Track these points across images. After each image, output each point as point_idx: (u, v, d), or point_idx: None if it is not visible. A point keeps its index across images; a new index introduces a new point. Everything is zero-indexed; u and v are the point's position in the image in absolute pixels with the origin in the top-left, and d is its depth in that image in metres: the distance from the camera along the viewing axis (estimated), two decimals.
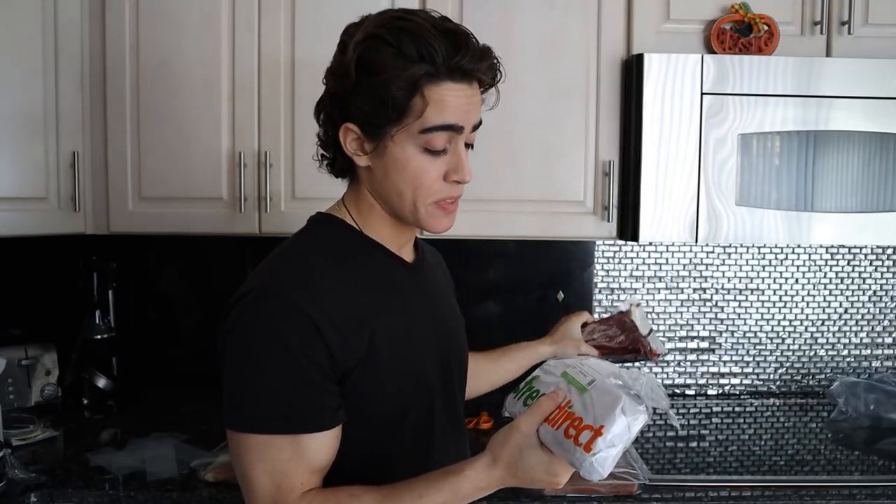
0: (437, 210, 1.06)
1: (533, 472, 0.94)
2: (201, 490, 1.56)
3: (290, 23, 1.86)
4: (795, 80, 1.78)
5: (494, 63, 1.04)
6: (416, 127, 1.00)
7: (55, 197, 1.87)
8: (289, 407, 0.97)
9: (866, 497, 1.56)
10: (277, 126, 1.87)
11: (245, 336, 0.98)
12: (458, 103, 1.00)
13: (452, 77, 0.99)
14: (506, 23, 1.86)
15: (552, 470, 0.93)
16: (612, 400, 0.92)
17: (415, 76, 0.97)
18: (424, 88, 0.98)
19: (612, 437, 0.90)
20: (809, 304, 2.27)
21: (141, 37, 1.87)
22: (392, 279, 1.10)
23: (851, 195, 1.80)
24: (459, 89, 1.00)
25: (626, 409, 0.91)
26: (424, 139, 1.00)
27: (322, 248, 1.07)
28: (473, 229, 1.89)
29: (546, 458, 0.93)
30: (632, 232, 1.84)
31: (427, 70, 0.97)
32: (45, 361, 2.09)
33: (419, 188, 1.03)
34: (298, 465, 0.97)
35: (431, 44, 0.97)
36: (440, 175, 1.03)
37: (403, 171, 1.02)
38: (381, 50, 0.98)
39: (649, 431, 1.98)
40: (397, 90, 0.97)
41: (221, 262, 2.19)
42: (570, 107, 1.88)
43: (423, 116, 0.99)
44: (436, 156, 1.02)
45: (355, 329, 1.00)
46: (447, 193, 1.05)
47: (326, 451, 1.00)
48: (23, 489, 1.54)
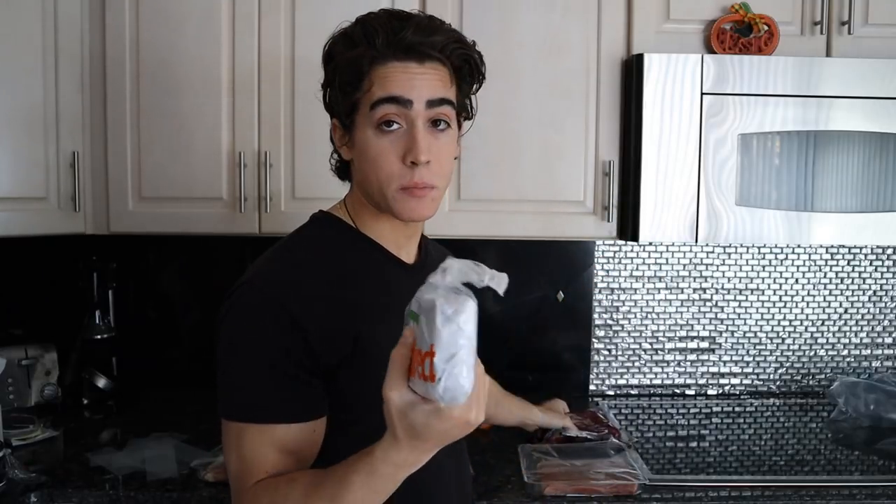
0: (404, 195, 1.04)
1: (431, 427, 0.83)
2: (201, 490, 1.56)
3: (291, 22, 1.86)
4: (795, 80, 1.78)
5: (452, 37, 1.05)
6: (367, 104, 1.02)
7: (55, 197, 1.87)
8: (264, 397, 0.99)
9: (866, 497, 1.56)
10: (277, 126, 1.87)
11: (229, 329, 1.02)
12: (402, 78, 1.01)
13: (396, 56, 1.01)
14: (506, 23, 1.86)
15: (445, 415, 0.82)
16: (431, 311, 0.80)
17: (357, 57, 1.01)
18: (371, 70, 1.02)
19: (446, 346, 0.79)
20: (809, 304, 2.27)
21: (141, 36, 1.87)
22: (387, 280, 1.10)
23: (851, 195, 1.80)
24: (406, 67, 1.02)
25: (444, 310, 0.80)
26: (375, 116, 1.02)
27: (315, 246, 1.09)
28: (473, 229, 1.89)
29: (431, 408, 0.82)
30: (632, 232, 1.84)
31: (366, 51, 1.01)
32: (45, 361, 2.09)
33: (380, 171, 1.03)
34: (268, 453, 0.99)
35: (374, 27, 1.02)
36: (398, 157, 1.03)
37: (366, 155, 1.04)
38: (337, 41, 1.06)
39: (649, 431, 1.98)
40: (346, 74, 1.03)
41: (221, 262, 2.19)
42: (570, 107, 1.88)
43: (370, 93, 1.02)
44: (387, 134, 1.02)
45: (339, 327, 1.01)
46: (409, 178, 1.03)
47: (303, 443, 1.01)
48: (23, 489, 1.54)
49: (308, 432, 1.02)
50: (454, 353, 0.79)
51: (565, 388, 2.14)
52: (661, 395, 2.26)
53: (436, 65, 1.04)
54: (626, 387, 2.27)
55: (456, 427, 0.83)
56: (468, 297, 0.82)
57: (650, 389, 2.27)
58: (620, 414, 2.11)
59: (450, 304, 0.80)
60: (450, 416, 0.82)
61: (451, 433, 0.84)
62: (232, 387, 1.02)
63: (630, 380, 2.27)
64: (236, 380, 1.01)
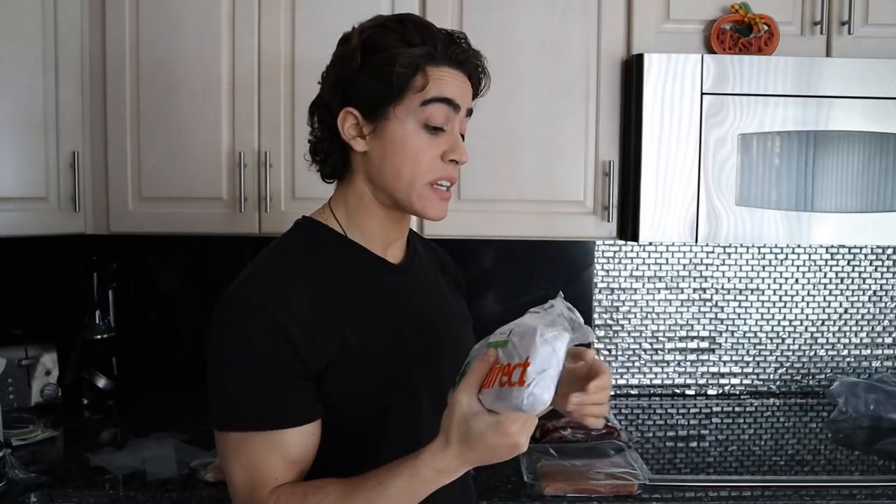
0: (431, 193, 1.08)
1: (485, 438, 0.89)
2: (201, 490, 1.56)
3: (290, 22, 1.86)
4: (795, 80, 1.78)
5: (481, 59, 1.13)
6: (417, 100, 1.05)
7: (55, 197, 1.87)
8: (260, 405, 1.00)
9: (866, 497, 1.56)
10: (277, 126, 1.87)
11: (218, 340, 1.03)
12: (455, 83, 1.07)
13: (450, 63, 1.07)
14: (506, 23, 1.86)
15: (503, 430, 0.89)
16: (530, 333, 0.91)
17: (417, 55, 1.04)
18: (426, 67, 1.05)
19: (540, 362, 0.89)
20: (809, 304, 2.27)
21: (141, 37, 1.87)
22: (373, 281, 1.11)
23: (851, 195, 1.80)
24: (456, 74, 1.08)
25: (544, 334, 0.90)
26: (425, 113, 1.05)
27: (298, 252, 1.10)
28: (473, 229, 1.89)
29: (493, 420, 0.89)
30: (632, 232, 1.84)
31: (429, 51, 1.05)
32: (45, 361, 2.09)
33: (417, 166, 1.06)
34: (272, 460, 1.00)
35: (433, 32, 1.07)
36: (438, 154, 1.07)
37: (403, 148, 1.06)
38: (386, 34, 1.06)
39: (649, 431, 1.99)
40: (401, 67, 1.03)
41: (221, 262, 2.19)
42: (570, 107, 1.88)
43: (423, 90, 1.05)
44: (434, 134, 1.06)
45: (324, 331, 1.02)
46: (443, 173, 1.08)
47: (302, 447, 1.02)
48: (23, 489, 1.54)
49: (307, 436, 1.02)
50: (545, 369, 0.88)
51: None
52: (661, 395, 2.26)
53: (469, 80, 1.11)
54: (626, 387, 2.27)
55: (505, 446, 0.89)
56: (564, 330, 0.91)
57: (650, 389, 2.27)
58: (620, 414, 2.11)
59: (549, 330, 0.90)
60: (507, 431, 0.88)
61: (498, 451, 0.90)
62: (227, 397, 1.02)
63: (630, 380, 2.27)
64: (231, 390, 1.01)
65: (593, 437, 1.80)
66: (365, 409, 1.06)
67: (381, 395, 1.06)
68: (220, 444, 1.04)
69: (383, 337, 1.08)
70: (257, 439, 1.00)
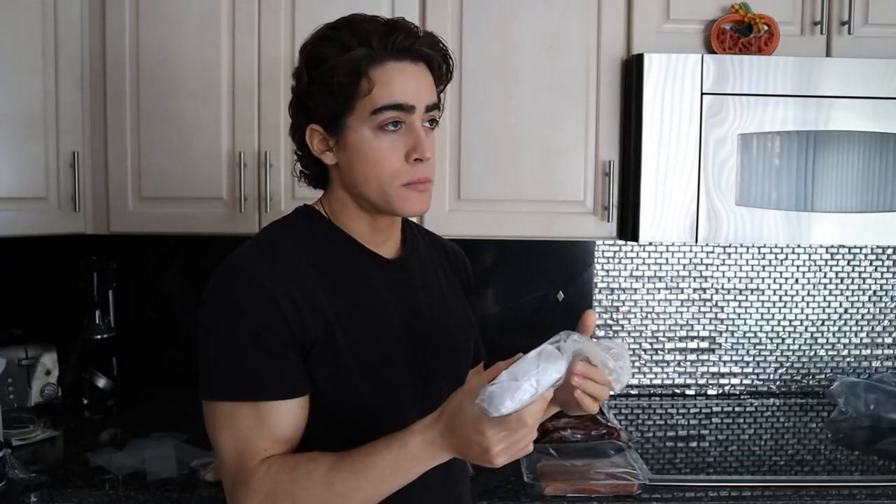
0: (407, 191, 1.07)
1: (465, 426, 0.90)
2: (201, 490, 1.56)
3: (290, 23, 1.86)
4: (795, 80, 1.78)
5: (438, 43, 1.08)
6: (367, 109, 1.03)
7: (55, 197, 1.87)
8: (250, 375, 1.01)
9: (866, 497, 1.56)
10: (277, 126, 1.87)
11: (209, 310, 1.05)
12: (404, 81, 1.04)
13: (392, 56, 1.04)
14: (506, 23, 1.86)
15: (478, 427, 0.89)
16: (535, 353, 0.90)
17: (355, 59, 1.02)
18: (368, 70, 1.03)
19: (516, 370, 0.88)
20: (809, 304, 2.27)
21: (141, 37, 1.87)
22: (363, 273, 1.11)
23: (851, 195, 1.80)
24: (403, 67, 1.04)
25: (543, 354, 0.90)
26: (376, 120, 1.04)
27: (293, 233, 1.11)
28: (473, 229, 1.89)
29: (477, 413, 0.89)
30: (632, 232, 1.84)
31: (366, 53, 1.03)
32: (45, 361, 2.09)
33: (381, 171, 1.05)
34: (261, 432, 1.01)
35: (366, 29, 1.04)
36: (401, 156, 1.05)
37: (364, 157, 1.06)
38: (324, 45, 1.05)
39: (649, 431, 1.99)
40: (342, 76, 1.02)
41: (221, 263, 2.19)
42: (570, 107, 1.88)
43: (370, 96, 1.03)
44: (388, 134, 1.04)
45: (312, 309, 1.03)
46: (412, 174, 1.06)
47: (290, 421, 1.03)
48: (23, 489, 1.54)
49: (296, 409, 1.03)
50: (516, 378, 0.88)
51: None
52: (661, 395, 2.26)
53: (423, 64, 1.07)
54: (626, 387, 2.26)
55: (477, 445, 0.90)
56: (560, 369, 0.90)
57: (650, 389, 2.27)
58: (620, 414, 2.11)
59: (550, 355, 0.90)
60: (481, 429, 0.89)
61: (471, 447, 0.91)
62: (218, 367, 1.03)
63: (630, 380, 2.26)
64: (222, 360, 1.03)
65: (593, 437, 1.80)
66: (344, 400, 1.06)
67: (357, 388, 1.06)
68: (209, 414, 1.04)
69: (366, 326, 1.08)
70: (246, 410, 1.01)
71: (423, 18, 1.85)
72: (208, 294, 1.06)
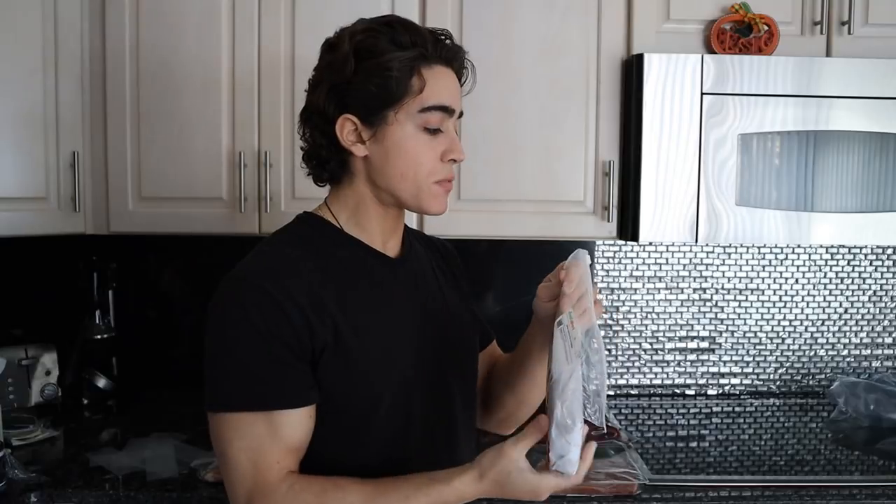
0: (438, 189, 1.11)
1: (518, 492, 1.00)
2: (201, 490, 1.56)
3: (290, 22, 1.86)
4: (795, 80, 1.78)
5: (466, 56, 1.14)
6: (416, 106, 1.07)
7: (55, 197, 1.87)
8: (261, 384, 1.01)
9: (866, 497, 1.56)
10: (277, 126, 1.87)
11: (216, 321, 1.04)
12: (449, 85, 1.10)
13: (441, 61, 1.09)
14: (506, 23, 1.86)
15: (536, 492, 1.00)
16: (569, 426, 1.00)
17: (412, 57, 1.06)
18: (421, 68, 1.07)
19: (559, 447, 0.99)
20: (809, 304, 2.27)
21: (141, 37, 1.87)
22: (370, 273, 1.12)
23: (851, 195, 1.80)
24: (448, 73, 1.10)
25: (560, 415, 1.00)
26: (423, 118, 1.07)
27: (298, 242, 1.12)
28: (474, 229, 1.89)
29: (534, 482, 0.99)
30: (632, 232, 1.84)
31: (421, 52, 1.07)
32: (45, 361, 2.09)
33: (420, 167, 1.09)
34: (273, 442, 1.01)
35: (420, 33, 1.08)
36: (437, 155, 1.10)
37: (405, 151, 1.08)
38: (378, 38, 1.07)
39: (649, 431, 1.99)
40: (398, 71, 1.05)
41: (221, 262, 2.18)
42: (570, 107, 1.88)
43: (421, 95, 1.07)
44: (433, 135, 1.09)
45: (320, 315, 1.03)
46: (446, 173, 1.11)
47: (301, 430, 1.03)
48: (23, 489, 1.54)
49: (306, 418, 1.04)
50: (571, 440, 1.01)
51: None
52: (661, 395, 2.26)
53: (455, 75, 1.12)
54: (626, 387, 2.27)
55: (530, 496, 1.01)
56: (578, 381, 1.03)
57: (650, 389, 2.27)
58: (620, 414, 2.11)
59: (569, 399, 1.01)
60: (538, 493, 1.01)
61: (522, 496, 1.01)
62: (227, 378, 1.03)
63: (630, 380, 2.27)
64: (232, 371, 1.02)
65: (593, 437, 1.79)
66: (356, 397, 1.06)
67: (372, 383, 1.07)
68: (218, 426, 1.03)
69: (377, 326, 1.09)
70: (258, 419, 1.00)
71: (423, 18, 1.85)
72: (214, 306, 1.05)
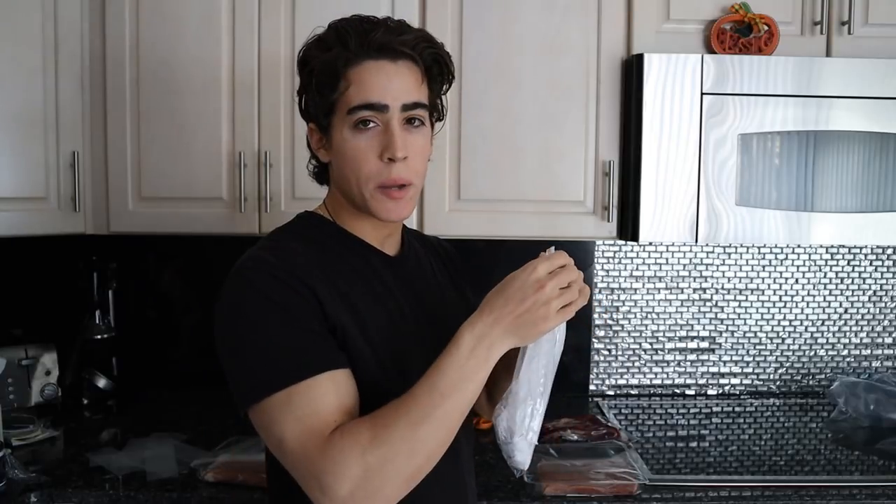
0: (382, 196, 1.07)
1: (515, 284, 0.98)
2: (201, 490, 1.56)
3: (291, 23, 1.86)
4: (795, 80, 1.78)
5: (424, 41, 1.08)
6: (344, 108, 1.05)
7: (55, 197, 1.87)
8: (299, 354, 0.99)
9: (866, 497, 1.56)
10: (277, 126, 1.87)
11: (232, 314, 1.02)
12: (378, 80, 1.04)
13: (370, 55, 1.04)
14: (506, 23, 1.86)
15: (524, 268, 0.99)
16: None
17: (331, 59, 1.05)
18: (346, 71, 1.04)
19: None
20: (809, 304, 2.27)
21: (141, 37, 1.87)
22: (371, 269, 1.12)
23: (851, 195, 1.80)
24: (379, 66, 1.05)
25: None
26: (351, 119, 1.05)
27: (298, 238, 1.12)
28: (474, 229, 1.89)
29: (524, 267, 0.98)
30: (632, 232, 1.84)
31: (341, 54, 1.04)
32: (45, 361, 2.09)
33: (358, 170, 1.06)
34: (325, 405, 0.97)
35: (346, 30, 1.05)
36: (376, 155, 1.06)
37: (344, 155, 1.08)
38: (311, 46, 1.09)
39: (649, 431, 1.99)
40: (321, 76, 1.05)
41: (221, 262, 2.17)
42: (570, 107, 1.88)
43: (346, 96, 1.05)
44: (364, 132, 1.05)
45: (333, 299, 1.03)
46: (387, 175, 1.06)
47: (350, 390, 1.01)
48: (23, 489, 1.54)
49: (350, 379, 1.02)
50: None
51: (565, 388, 2.14)
52: (661, 395, 2.26)
53: (408, 63, 1.07)
54: (626, 387, 2.27)
55: (530, 286, 0.97)
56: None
57: (650, 389, 2.27)
58: (620, 414, 2.11)
59: None
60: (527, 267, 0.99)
61: (525, 291, 0.97)
62: (260, 362, 0.99)
63: (630, 380, 2.27)
64: (265, 353, 0.99)
65: (593, 437, 1.80)
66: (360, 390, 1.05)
67: (370, 380, 1.06)
68: (263, 415, 0.98)
69: (381, 322, 1.09)
70: (304, 390, 0.97)
71: (423, 19, 1.85)
72: (225, 299, 1.03)
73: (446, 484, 1.14)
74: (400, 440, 0.94)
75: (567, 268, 0.99)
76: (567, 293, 0.98)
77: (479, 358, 0.96)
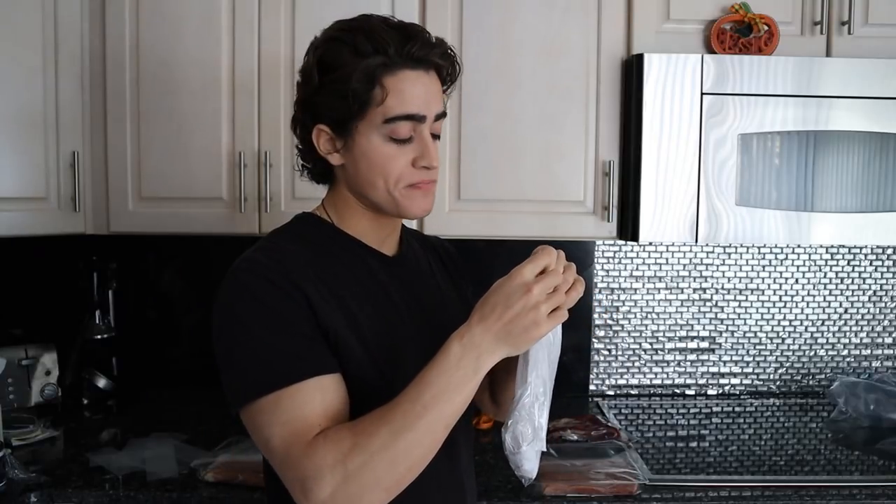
0: (412, 191, 1.09)
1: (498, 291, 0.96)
2: (201, 490, 1.56)
3: (290, 23, 1.86)
4: (795, 80, 1.78)
5: (449, 51, 1.09)
6: (379, 117, 1.04)
7: (55, 197, 1.87)
8: (288, 358, 0.99)
9: (866, 497, 1.56)
10: (277, 126, 1.87)
11: (226, 315, 1.03)
12: (417, 91, 1.05)
13: (407, 65, 1.04)
14: (506, 23, 1.86)
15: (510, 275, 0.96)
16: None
17: (370, 66, 1.03)
18: (382, 78, 1.03)
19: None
20: (809, 304, 2.27)
21: (141, 37, 1.87)
22: (368, 270, 1.12)
23: (851, 195, 1.80)
24: (417, 77, 1.05)
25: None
26: (389, 129, 1.05)
27: (296, 239, 1.12)
28: (474, 229, 1.89)
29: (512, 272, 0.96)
30: (632, 232, 1.84)
31: (382, 60, 1.03)
32: (45, 361, 2.09)
33: (389, 176, 1.07)
34: (311, 410, 0.98)
35: (383, 37, 1.03)
36: (408, 162, 1.07)
37: (372, 161, 1.07)
38: (338, 49, 1.05)
39: (649, 431, 1.99)
40: (356, 82, 1.03)
41: (221, 262, 2.17)
42: (570, 107, 1.88)
43: (384, 105, 1.04)
44: (401, 144, 1.06)
45: (326, 301, 1.03)
46: (418, 178, 1.08)
47: (338, 396, 1.01)
48: (23, 489, 1.54)
49: (340, 384, 1.02)
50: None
51: (565, 388, 2.14)
52: (661, 395, 2.26)
53: (435, 73, 1.08)
54: (626, 387, 2.27)
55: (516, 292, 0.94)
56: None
57: (650, 389, 2.27)
58: (620, 414, 2.11)
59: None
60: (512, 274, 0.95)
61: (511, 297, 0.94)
62: (251, 364, 1.00)
63: (630, 380, 2.27)
64: (255, 356, 1.00)
65: (593, 437, 1.80)
66: (351, 393, 1.05)
67: (370, 378, 1.06)
68: (253, 417, 1.00)
69: (376, 323, 1.09)
70: (292, 394, 0.97)
71: (423, 19, 1.85)
72: (221, 301, 1.04)
73: (444, 485, 1.14)
74: (381, 449, 0.94)
75: (553, 270, 0.96)
76: (555, 296, 0.95)
77: (466, 369, 0.95)
